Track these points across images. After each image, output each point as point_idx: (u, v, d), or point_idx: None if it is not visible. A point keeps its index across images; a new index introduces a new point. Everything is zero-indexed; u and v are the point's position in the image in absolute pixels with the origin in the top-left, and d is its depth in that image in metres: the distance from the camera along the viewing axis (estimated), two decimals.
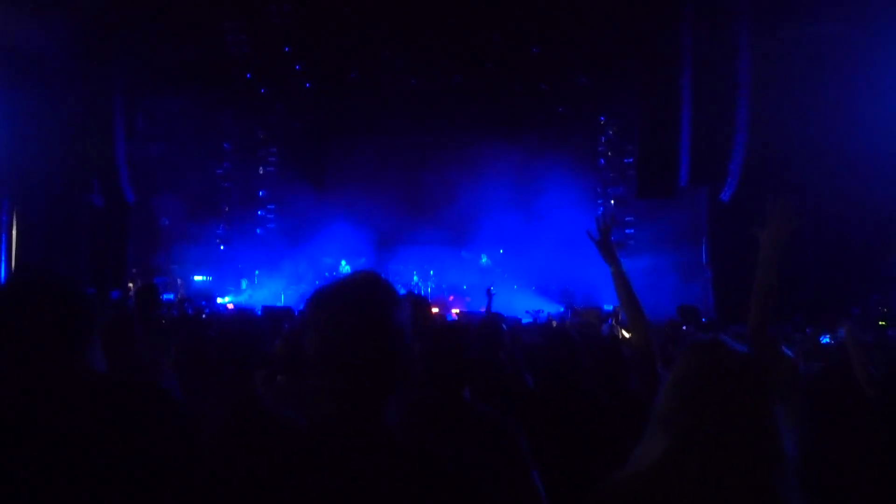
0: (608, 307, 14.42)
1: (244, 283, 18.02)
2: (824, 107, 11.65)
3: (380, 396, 1.42)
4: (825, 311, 10.61)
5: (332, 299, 1.45)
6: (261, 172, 19.54)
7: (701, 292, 14.01)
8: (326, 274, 17.87)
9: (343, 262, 18.01)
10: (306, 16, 14.59)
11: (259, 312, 9.49)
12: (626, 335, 9.63)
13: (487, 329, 4.23)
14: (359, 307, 1.42)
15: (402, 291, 16.31)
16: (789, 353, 2.61)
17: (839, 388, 3.21)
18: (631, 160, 16.72)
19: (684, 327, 9.10)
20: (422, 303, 3.42)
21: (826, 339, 7.52)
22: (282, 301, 16.47)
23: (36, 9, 11.69)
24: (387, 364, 1.42)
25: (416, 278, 17.75)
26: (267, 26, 14.81)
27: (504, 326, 4.80)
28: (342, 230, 16.99)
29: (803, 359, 5.74)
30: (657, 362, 2.88)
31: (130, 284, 13.59)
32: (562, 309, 15.50)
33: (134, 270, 14.41)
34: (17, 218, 12.75)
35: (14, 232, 12.66)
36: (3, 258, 12.45)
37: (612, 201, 17.65)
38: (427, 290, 17.16)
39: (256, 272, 18.12)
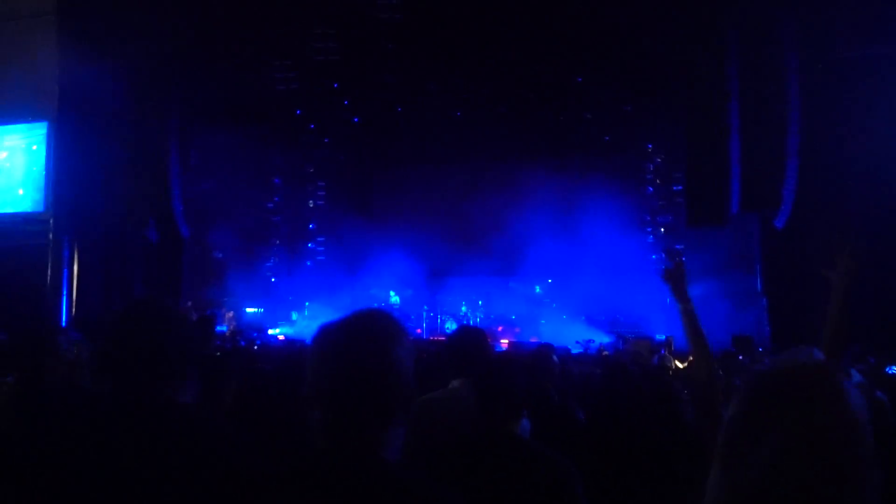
0: (660, 337, 14.18)
1: (294, 315, 18.24)
2: (876, 129, 11.39)
3: (375, 431, 1.46)
4: (887, 341, 10.25)
5: (331, 335, 1.51)
6: (311, 206, 19.86)
7: (755, 321, 13.67)
8: (378, 304, 18.00)
9: (392, 293, 18.12)
10: (352, 52, 14.92)
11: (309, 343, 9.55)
12: (680, 366, 9.45)
13: (537, 360, 4.19)
14: (355, 342, 1.47)
15: (454, 323, 16.26)
16: (881, 395, 2.51)
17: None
18: (680, 187, 16.52)
19: (740, 357, 8.88)
20: (477, 334, 3.40)
21: (893, 370, 7.25)
22: None
23: (94, 52, 12.22)
24: (382, 399, 1.45)
25: (464, 309, 17.73)
26: (314, 63, 15.18)
27: (555, 357, 4.75)
28: (390, 261, 17.10)
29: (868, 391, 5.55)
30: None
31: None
32: (611, 339, 15.30)
33: (189, 304, 14.73)
34: (77, 254, 13.19)
35: (76, 267, 13.10)
36: (65, 293, 12.87)
37: (662, 229, 17.43)
38: (476, 320, 17.12)
39: (307, 304, 18.33)
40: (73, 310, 12.93)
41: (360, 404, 1.44)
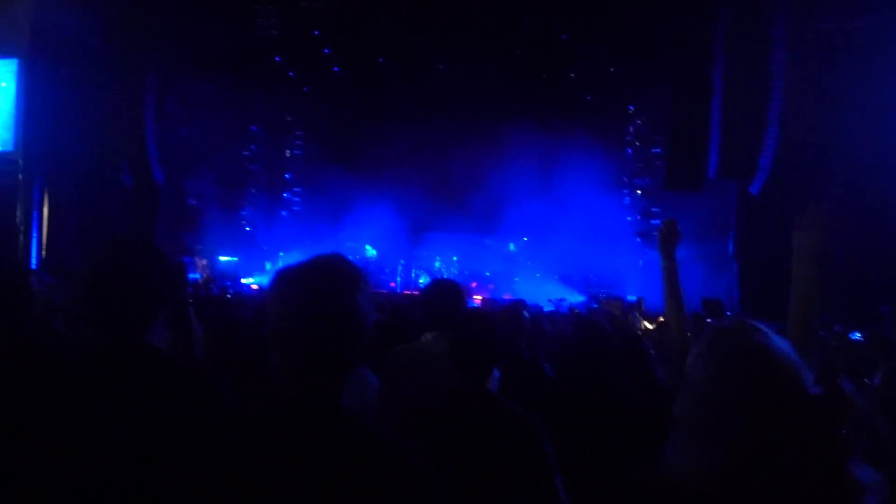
0: (631, 298, 14.37)
1: (268, 265, 18.17)
2: (858, 101, 11.44)
3: (334, 376, 1.48)
4: (856, 310, 10.49)
5: (290, 279, 1.52)
6: (287, 155, 19.65)
7: (727, 286, 13.89)
8: (355, 257, 17.98)
9: (368, 247, 18.10)
10: (335, 1, 14.60)
11: None
12: (649, 327, 9.60)
13: (508, 316, 4.22)
14: (313, 287, 1.48)
15: (428, 277, 16.32)
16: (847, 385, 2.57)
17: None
18: (659, 151, 16.56)
19: (708, 320, 9.03)
20: (453, 288, 3.37)
21: (856, 336, 7.42)
22: None
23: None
24: (341, 343, 1.47)
25: (438, 264, 17.78)
26: (296, 10, 14.84)
27: (525, 314, 4.79)
28: (367, 214, 17.05)
29: (834, 357, 5.69)
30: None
31: None
32: (584, 298, 15.47)
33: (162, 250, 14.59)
34: (48, 196, 12.96)
35: (46, 210, 12.88)
36: (35, 235, 12.67)
37: (639, 192, 17.52)
38: (450, 275, 17.19)
39: (281, 254, 18.27)
40: (44, 252, 12.76)
41: (318, 348, 1.45)
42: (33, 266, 11.62)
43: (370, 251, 17.97)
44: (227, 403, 1.73)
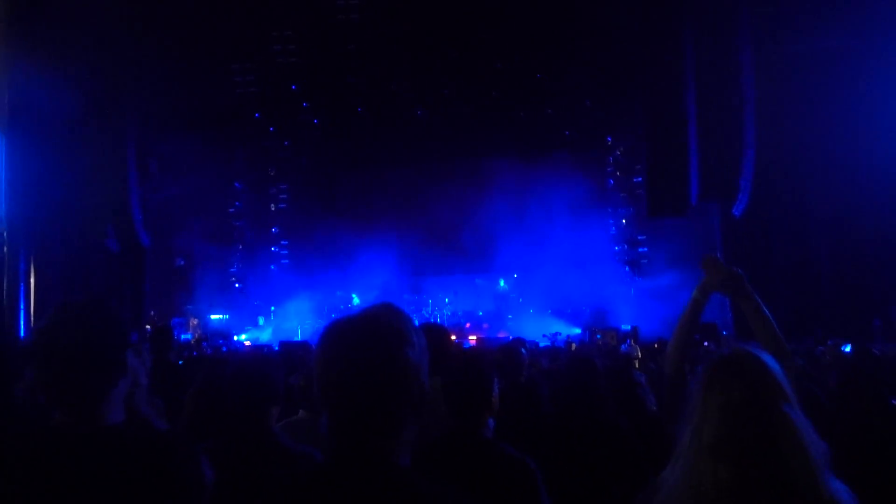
0: (625, 327, 14.35)
1: (261, 320, 18.08)
2: (831, 119, 11.65)
3: (387, 435, 1.38)
4: (848, 324, 10.50)
5: (341, 334, 1.42)
6: (273, 209, 19.72)
7: (718, 307, 13.91)
8: (341, 307, 17.93)
9: (354, 296, 18.07)
10: (312, 53, 14.83)
11: (276, 348, 9.52)
12: (640, 356, 9.57)
13: (508, 354, 4.21)
14: (363, 343, 1.39)
15: (417, 321, 16.36)
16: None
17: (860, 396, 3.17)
18: (640, 179, 16.73)
19: (705, 343, 9.03)
20: (439, 332, 3.37)
21: (847, 349, 7.44)
22: (298, 336, 16.51)
23: (46, 62, 11.97)
24: (396, 402, 1.37)
25: (428, 309, 17.76)
26: (273, 66, 15.06)
27: (523, 350, 4.78)
28: (355, 263, 17.06)
29: (829, 368, 5.69)
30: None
31: (148, 326, 13.68)
32: (579, 331, 15.44)
33: (152, 313, 14.52)
34: (34, 266, 12.90)
35: (32, 280, 12.81)
36: (21, 306, 12.58)
37: (623, 221, 17.64)
38: (443, 318, 17.16)
39: (272, 308, 18.18)
40: (32, 323, 12.65)
41: (369, 408, 1.36)
42: (22, 337, 11.50)
43: (356, 300, 17.95)
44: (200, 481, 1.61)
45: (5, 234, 12.68)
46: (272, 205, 19.75)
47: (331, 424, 1.39)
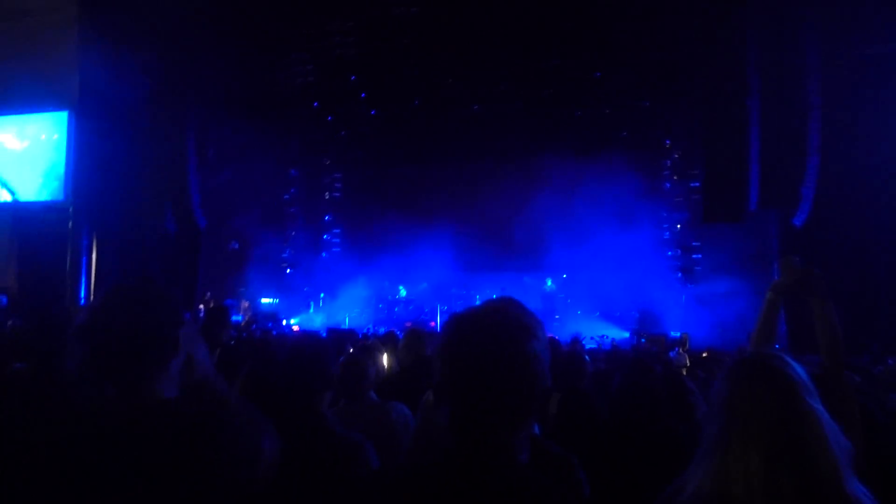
0: (675, 334, 14.12)
1: (312, 307, 18.34)
2: None
3: (508, 430, 1.37)
4: None
5: (469, 325, 1.41)
6: (327, 198, 19.94)
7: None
8: (388, 298, 18.06)
9: (401, 288, 18.18)
10: (370, 45, 14.93)
11: (324, 334, 9.64)
12: (689, 364, 9.41)
13: (570, 360, 4.21)
14: (489, 335, 1.37)
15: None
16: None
17: None
18: (697, 184, 16.41)
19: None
20: None
21: None
22: (346, 323, 16.70)
23: (114, 44, 12.33)
24: (520, 396, 1.36)
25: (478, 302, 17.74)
26: (332, 56, 15.21)
27: (587, 358, 4.77)
28: (404, 255, 17.15)
29: (886, 390, 5.50)
30: None
31: (201, 307, 14.01)
32: (627, 335, 15.26)
33: (208, 294, 14.84)
34: (96, 243, 13.33)
35: (94, 256, 13.24)
36: (83, 282, 13.02)
37: (678, 226, 17.33)
38: None
39: (322, 295, 18.42)
40: (91, 298, 13.07)
41: (493, 402, 1.34)
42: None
43: (402, 291, 18.07)
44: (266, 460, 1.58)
45: (71, 209, 13.14)
46: (326, 193, 19.98)
47: (454, 416, 1.37)
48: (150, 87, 13.31)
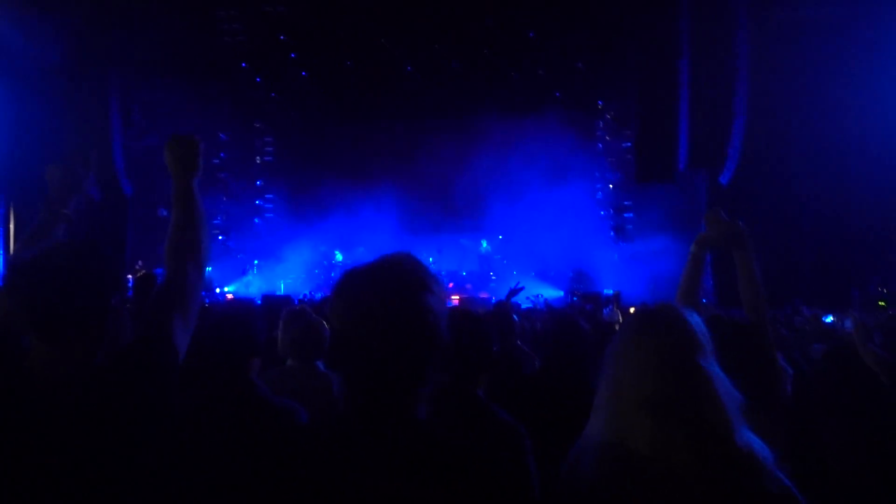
0: (608, 292, 14.44)
1: (248, 274, 18.01)
2: (822, 90, 11.62)
3: (406, 388, 1.32)
4: (826, 294, 10.61)
5: (358, 281, 1.36)
6: (258, 162, 19.49)
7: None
8: (324, 263, 17.88)
9: (337, 252, 18.02)
10: (301, 4, 14.52)
11: (259, 301, 9.50)
12: (622, 320, 9.63)
13: (499, 317, 4.22)
14: (386, 289, 1.33)
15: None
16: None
17: (847, 370, 3.18)
18: (629, 144, 16.68)
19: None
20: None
21: (829, 319, 7.51)
22: (281, 290, 16.48)
23: (29, 5, 11.66)
24: (415, 352, 1.31)
25: None
26: (261, 15, 14.74)
27: (514, 316, 4.80)
28: (339, 219, 16.98)
29: (810, 340, 5.74)
30: None
31: (130, 276, 13.59)
32: (561, 293, 15.52)
33: (139, 263, 14.39)
34: (14, 212, 12.74)
35: (11, 226, 12.65)
36: (1, 250, 12.46)
37: (611, 185, 17.62)
38: None
39: (256, 262, 18.11)
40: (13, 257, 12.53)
41: (388, 359, 1.29)
42: None
43: (338, 256, 17.92)
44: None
45: None
46: (258, 157, 19.51)
47: (347, 376, 1.33)
48: (68, 48, 12.66)
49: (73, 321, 1.56)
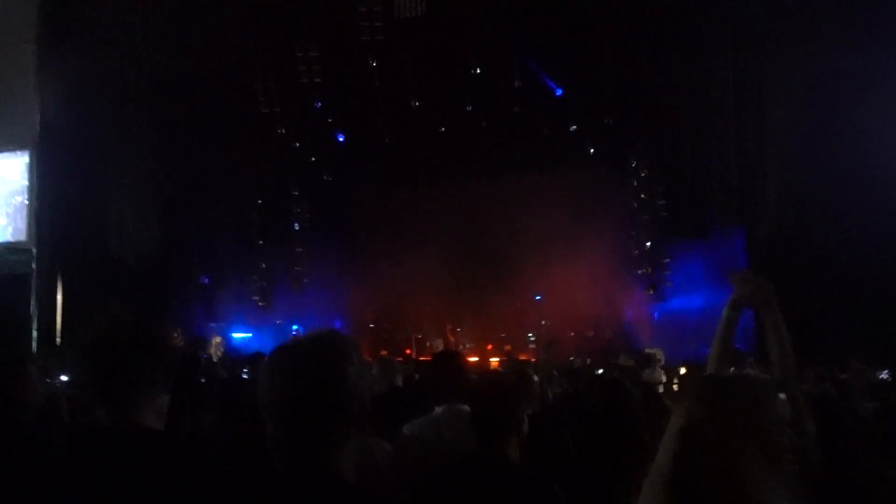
0: (648, 351, 14.17)
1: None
2: (859, 139, 11.51)
3: (326, 448, 1.49)
4: (882, 349, 10.25)
5: (281, 354, 1.55)
6: (296, 228, 19.71)
7: (742, 331, 13.66)
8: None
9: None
10: (335, 72, 15.00)
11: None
12: (664, 380, 9.44)
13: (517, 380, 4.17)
14: (303, 360, 1.51)
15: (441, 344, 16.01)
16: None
17: None
18: (664, 202, 16.59)
19: (731, 369, 8.87)
20: (453, 358, 3.38)
21: (884, 375, 7.29)
22: None
23: (75, 81, 12.22)
24: (330, 415, 1.48)
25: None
26: (298, 83, 15.23)
27: (536, 378, 4.75)
28: (375, 282, 17.05)
29: (861, 397, 5.54)
30: None
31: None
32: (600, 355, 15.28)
33: (178, 332, 14.57)
34: (62, 283, 13.08)
35: (59, 296, 12.98)
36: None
37: (648, 243, 17.44)
38: (463, 345, 17.10)
39: (294, 327, 18.17)
40: (58, 339, 12.80)
41: (308, 421, 1.47)
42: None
43: None
44: (219, 485, 1.74)
45: (34, 250, 12.91)
46: (295, 223, 19.68)
47: (273, 436, 1.50)
48: (112, 123, 13.16)
49: (128, 388, 1.77)
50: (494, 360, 14.43)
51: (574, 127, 16.72)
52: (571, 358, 13.14)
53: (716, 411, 1.45)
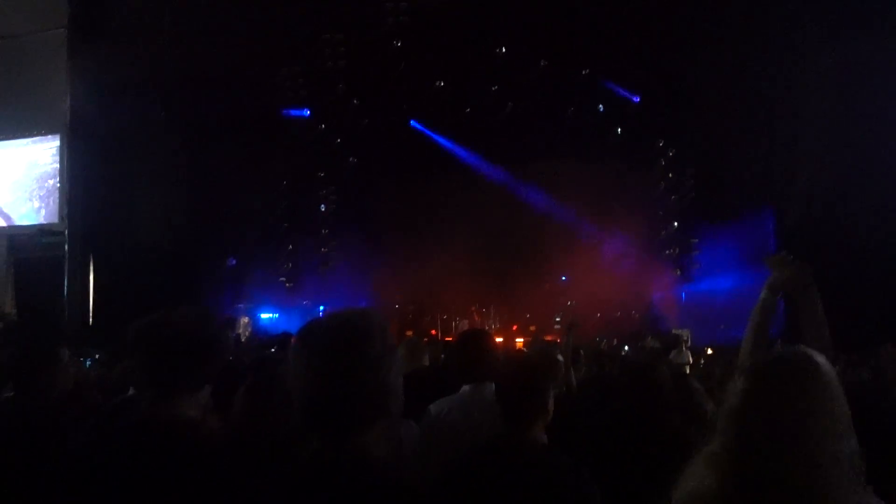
0: (676, 332, 14.08)
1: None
2: (890, 121, 11.26)
3: (357, 430, 1.48)
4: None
5: (308, 337, 1.53)
6: (322, 210, 19.78)
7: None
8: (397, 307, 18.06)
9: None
10: (360, 54, 15.00)
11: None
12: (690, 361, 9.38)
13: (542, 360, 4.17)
14: (330, 343, 1.48)
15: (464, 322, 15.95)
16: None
17: None
18: (692, 182, 16.38)
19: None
20: (481, 337, 3.36)
21: None
22: None
23: (105, 67, 12.34)
24: (359, 398, 1.47)
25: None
26: (323, 68, 15.25)
27: (559, 358, 4.74)
28: (403, 264, 17.08)
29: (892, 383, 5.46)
30: None
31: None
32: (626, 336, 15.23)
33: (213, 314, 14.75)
34: (93, 265, 13.30)
35: (91, 278, 13.20)
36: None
37: (675, 224, 17.24)
38: (492, 323, 17.12)
39: (321, 307, 18.30)
40: (91, 320, 13.04)
41: (337, 404, 1.45)
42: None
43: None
44: (251, 473, 1.76)
45: (66, 232, 13.12)
46: (322, 206, 19.76)
47: (303, 420, 1.49)
48: (141, 107, 13.29)
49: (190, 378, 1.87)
50: (519, 341, 14.41)
51: (601, 107, 16.55)
52: (597, 339, 13.11)
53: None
